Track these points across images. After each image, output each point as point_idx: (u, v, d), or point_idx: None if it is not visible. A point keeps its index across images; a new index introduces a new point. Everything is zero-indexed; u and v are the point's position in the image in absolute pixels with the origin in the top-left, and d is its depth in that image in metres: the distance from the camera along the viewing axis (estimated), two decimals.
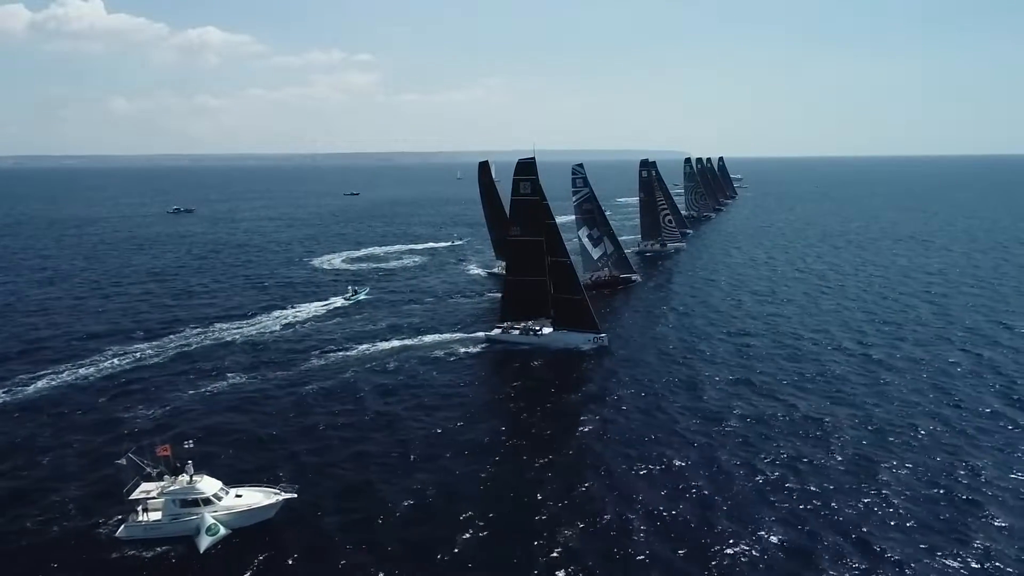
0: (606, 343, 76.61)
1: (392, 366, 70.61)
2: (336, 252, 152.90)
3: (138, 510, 41.00)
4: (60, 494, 45.36)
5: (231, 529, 40.35)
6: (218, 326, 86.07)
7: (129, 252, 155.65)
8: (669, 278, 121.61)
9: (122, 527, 40.44)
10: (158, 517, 40.81)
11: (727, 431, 54.47)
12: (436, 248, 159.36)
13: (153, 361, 72.69)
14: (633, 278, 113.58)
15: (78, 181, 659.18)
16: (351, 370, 69.35)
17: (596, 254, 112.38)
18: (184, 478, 41.84)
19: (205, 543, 38.77)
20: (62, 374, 68.37)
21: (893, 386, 63.81)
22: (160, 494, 41.38)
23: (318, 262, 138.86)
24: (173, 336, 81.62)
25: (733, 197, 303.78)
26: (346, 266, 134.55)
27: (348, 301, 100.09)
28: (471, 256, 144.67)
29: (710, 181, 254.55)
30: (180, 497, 40.98)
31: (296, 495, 42.47)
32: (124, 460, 42.34)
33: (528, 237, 79.12)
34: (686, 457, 50.07)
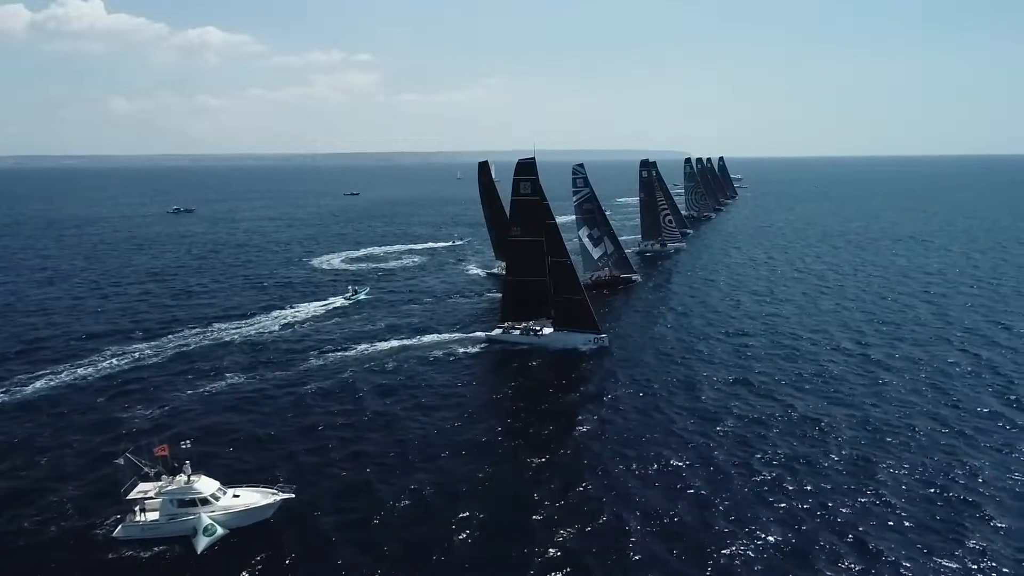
0: (606, 343, 76.60)
1: (391, 366, 70.61)
2: (336, 252, 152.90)
3: (136, 510, 41.03)
4: (58, 494, 45.39)
5: (228, 529, 40.35)
6: (217, 326, 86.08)
7: (128, 252, 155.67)
8: (669, 278, 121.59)
9: (119, 527, 40.47)
10: (155, 517, 40.83)
11: (725, 431, 54.46)
12: (436, 248, 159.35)
13: (152, 361, 72.69)
14: (633, 278, 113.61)
15: (78, 181, 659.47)
16: (350, 370, 69.34)
17: (596, 254, 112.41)
18: (182, 478, 41.84)
19: (202, 544, 38.77)
20: (61, 374, 68.40)
21: (891, 386, 63.82)
22: (158, 494, 41.40)
23: (317, 262, 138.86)
24: (172, 336, 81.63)
25: (733, 197, 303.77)
26: (345, 266, 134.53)
27: (348, 301, 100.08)
28: (471, 256, 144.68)
29: (710, 181, 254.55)
30: (178, 497, 40.98)
31: (294, 495, 42.49)
32: (122, 460, 42.38)
33: (528, 237, 79.08)
34: (684, 457, 50.08)
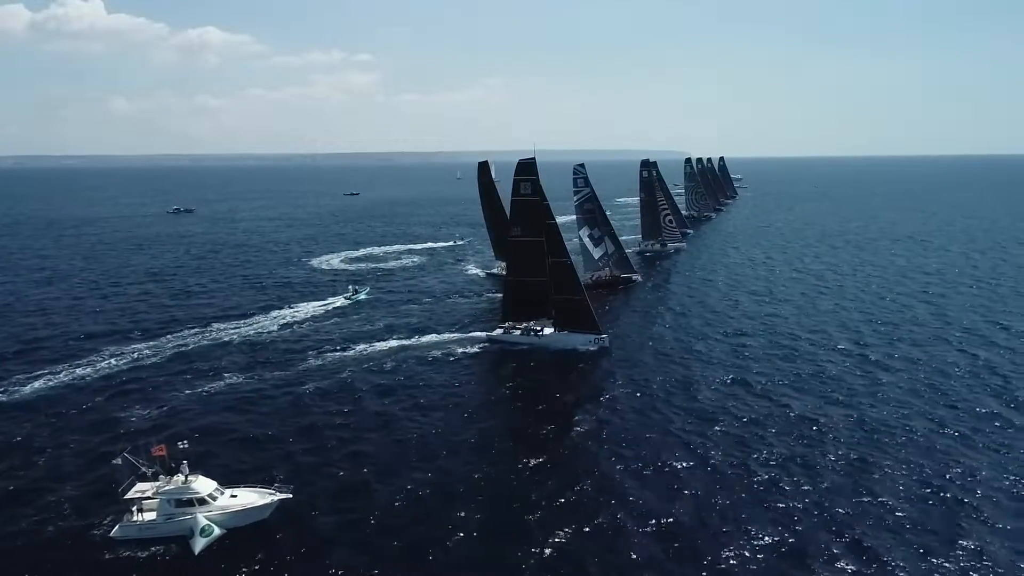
0: (607, 344, 76.49)
1: (389, 366, 70.55)
2: (335, 252, 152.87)
3: (133, 510, 41.05)
4: (56, 494, 45.41)
5: (225, 529, 40.33)
6: (216, 326, 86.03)
7: (128, 252, 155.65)
8: (669, 278, 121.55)
9: (117, 527, 40.45)
10: (153, 517, 40.83)
11: (723, 432, 54.41)
12: (435, 248, 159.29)
13: (150, 361, 72.65)
14: (634, 278, 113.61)
15: (78, 181, 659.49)
16: (348, 370, 69.29)
17: (597, 254, 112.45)
18: (179, 478, 41.81)
19: (199, 544, 38.73)
20: (59, 374, 68.36)
21: (889, 386, 63.76)
22: (155, 494, 41.38)
23: (317, 262, 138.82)
24: (170, 336, 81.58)
25: (734, 197, 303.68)
26: (345, 266, 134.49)
27: (348, 301, 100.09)
28: (470, 256, 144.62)
29: (710, 181, 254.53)
30: (175, 497, 40.96)
31: (291, 495, 42.45)
32: (120, 460, 42.36)
33: (529, 237, 79.03)
34: (682, 458, 50.02)
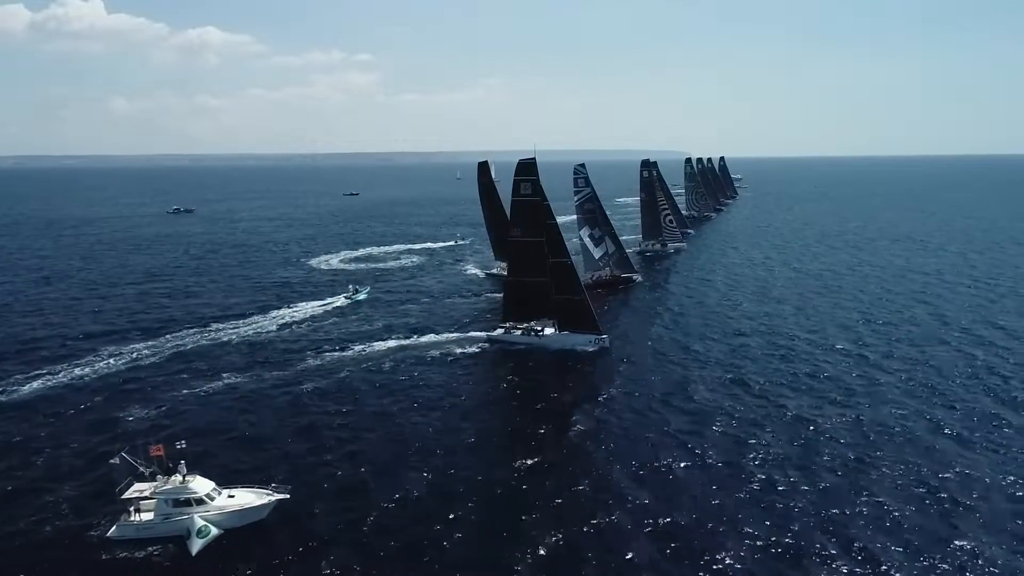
0: (607, 344, 76.30)
1: (388, 366, 70.43)
2: (334, 252, 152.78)
3: (130, 510, 40.95)
4: (54, 493, 45.32)
5: (223, 530, 40.20)
6: (215, 326, 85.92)
7: (127, 252, 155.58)
8: (669, 278, 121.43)
9: (114, 527, 40.37)
10: (150, 517, 40.74)
11: (721, 432, 54.28)
12: (435, 248, 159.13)
13: (149, 361, 72.54)
14: (634, 278, 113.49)
15: (78, 181, 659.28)
16: (347, 370, 69.17)
17: (597, 254, 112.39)
18: (177, 478, 41.72)
19: (196, 545, 38.61)
20: (58, 374, 68.25)
21: (887, 387, 63.59)
22: (153, 494, 41.28)
23: (316, 262, 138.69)
24: (169, 336, 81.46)
25: (734, 197, 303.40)
26: (344, 266, 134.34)
27: (349, 300, 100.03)
28: (469, 257, 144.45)
29: (710, 181, 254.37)
30: (172, 497, 40.87)
31: (288, 495, 42.34)
32: (117, 460, 42.30)
33: (529, 238, 78.90)
34: (680, 458, 49.91)
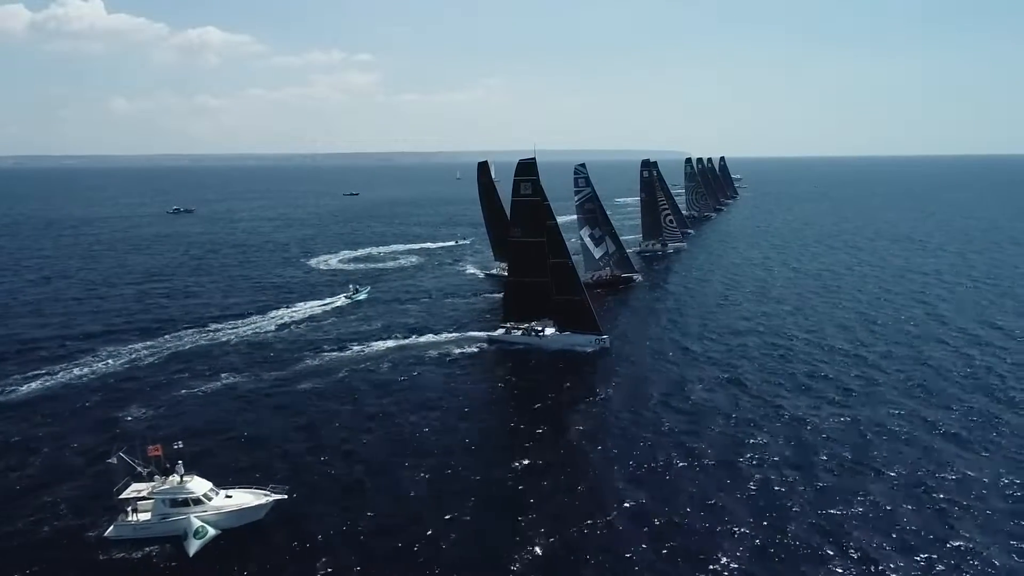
0: (608, 345, 76.05)
1: (387, 367, 70.22)
2: (334, 252, 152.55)
3: (128, 510, 40.77)
4: (51, 493, 45.13)
5: (220, 530, 39.99)
6: (213, 326, 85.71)
7: (127, 252, 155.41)
8: (670, 278, 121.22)
9: (111, 527, 40.21)
10: (148, 517, 40.57)
11: (720, 433, 54.05)
12: (434, 248, 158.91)
13: (148, 361, 72.34)
14: (634, 278, 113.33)
15: (78, 181, 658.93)
16: (346, 370, 68.96)
17: (598, 254, 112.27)
18: (174, 478, 41.53)
19: (194, 546, 38.40)
20: (57, 374, 68.01)
21: (885, 387, 63.29)
22: (150, 494, 41.12)
23: (316, 262, 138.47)
24: (168, 336, 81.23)
25: (734, 197, 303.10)
26: (344, 266, 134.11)
27: (349, 300, 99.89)
28: (469, 257, 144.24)
29: (710, 181, 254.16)
30: (170, 497, 40.70)
31: (286, 496, 42.14)
32: (115, 460, 42.14)
33: (529, 238, 78.70)
34: (678, 459, 49.69)
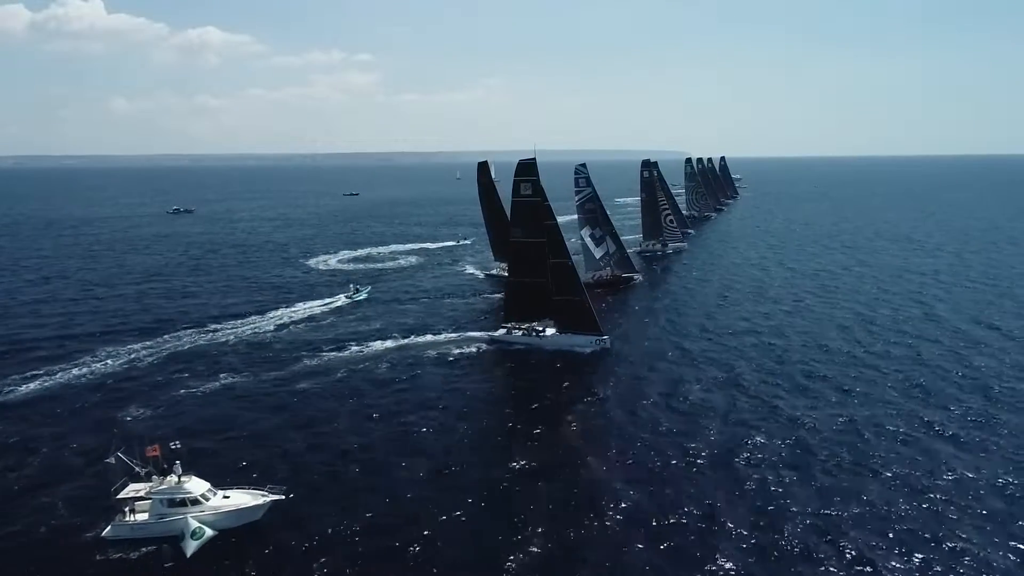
0: (608, 345, 75.77)
1: (387, 367, 69.99)
2: (334, 252, 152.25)
3: (125, 510, 40.63)
4: (49, 493, 44.96)
5: (218, 530, 39.78)
6: (213, 326, 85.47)
7: (126, 252, 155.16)
8: (670, 278, 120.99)
9: (109, 527, 40.05)
10: (145, 517, 40.42)
11: (718, 433, 53.80)
12: (434, 249, 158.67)
13: (147, 361, 72.12)
14: (635, 278, 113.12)
15: (78, 181, 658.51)
16: (345, 370, 68.72)
17: (598, 254, 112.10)
18: (172, 478, 41.36)
19: (191, 547, 38.19)
20: (56, 374, 67.74)
21: (883, 388, 63.01)
22: (148, 494, 40.95)
23: (315, 262, 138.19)
24: (167, 336, 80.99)
25: (735, 197, 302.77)
26: (343, 266, 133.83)
27: (350, 299, 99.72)
28: (469, 257, 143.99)
29: (711, 181, 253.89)
30: (167, 497, 40.54)
31: (284, 496, 41.93)
32: (113, 460, 42.03)
33: (529, 238, 78.48)
34: (676, 458, 49.49)
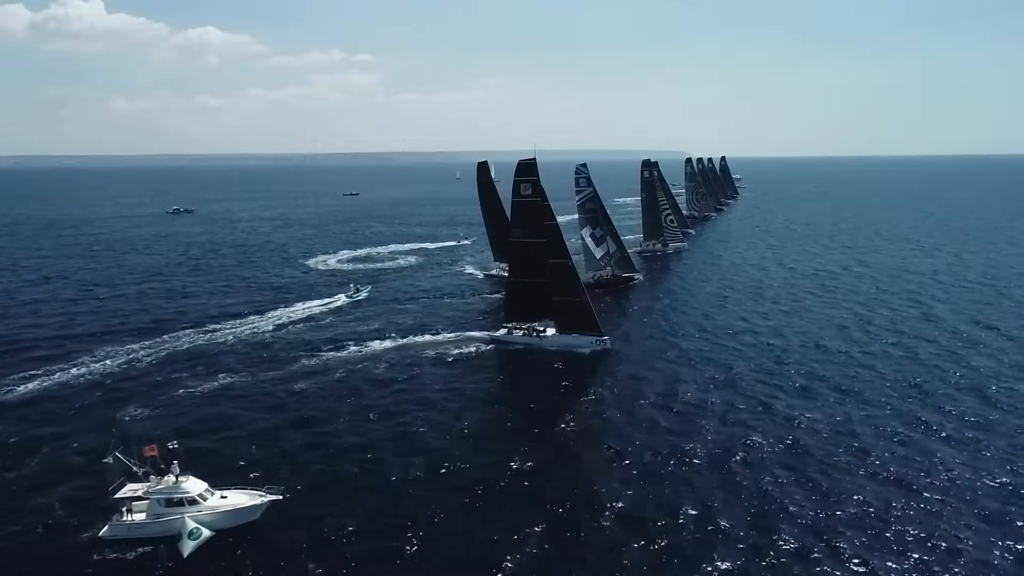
0: (609, 346, 75.52)
1: (385, 367, 69.79)
2: (334, 252, 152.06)
3: (123, 510, 40.48)
4: (47, 493, 44.81)
5: (215, 531, 39.60)
6: (212, 326, 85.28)
7: (126, 252, 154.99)
8: (670, 278, 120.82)
9: (106, 527, 39.92)
10: (142, 517, 40.29)
11: (716, 433, 53.61)
12: (434, 249, 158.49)
13: (145, 361, 71.94)
14: (635, 277, 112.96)
15: (78, 181, 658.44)
16: (344, 370, 68.52)
17: (599, 253, 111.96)
18: (170, 478, 41.23)
19: (188, 548, 38.00)
20: (54, 374, 67.56)
21: (882, 388, 62.82)
22: (145, 494, 40.82)
23: (315, 262, 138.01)
24: (166, 336, 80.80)
25: (735, 197, 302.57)
26: (343, 266, 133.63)
27: (350, 299, 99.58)
28: (469, 257, 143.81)
29: (711, 181, 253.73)
30: (165, 497, 40.42)
31: (281, 496, 41.78)
32: (110, 459, 41.84)
33: (529, 239, 78.27)
34: (674, 459, 49.32)
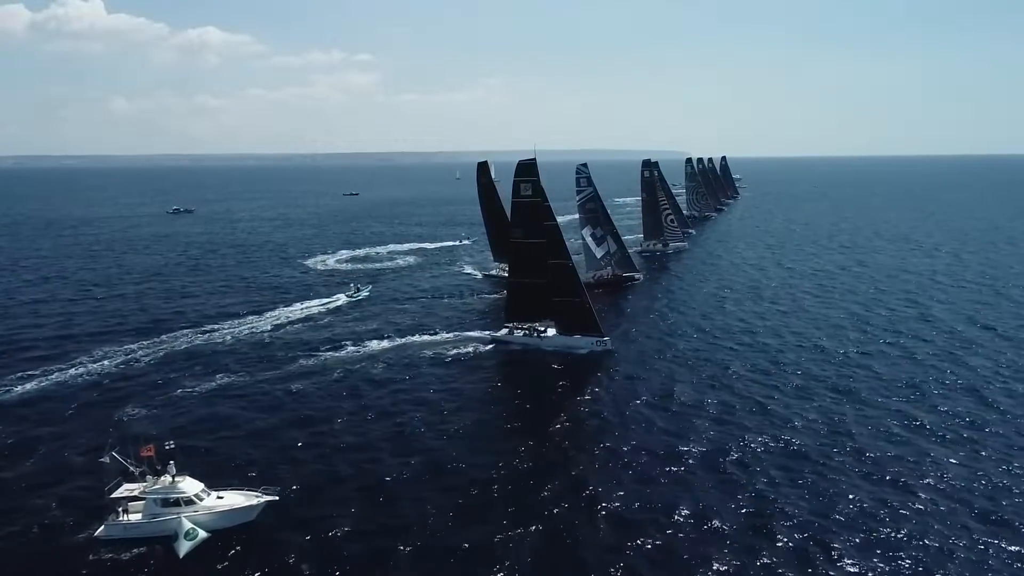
0: (609, 346, 75.29)
1: (383, 366, 69.63)
2: (333, 252, 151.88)
3: (119, 510, 40.35)
4: (43, 493, 44.70)
5: (211, 531, 39.40)
6: (210, 326, 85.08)
7: (125, 252, 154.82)
8: (670, 278, 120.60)
9: (102, 526, 39.79)
10: (139, 517, 40.14)
11: (715, 433, 53.46)
12: (434, 249, 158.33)
13: (143, 361, 71.79)
14: (636, 277, 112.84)
15: (78, 181, 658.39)
16: (342, 370, 68.36)
17: (599, 253, 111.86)
18: (166, 478, 41.05)
19: (184, 548, 37.81)
20: (52, 374, 67.41)
21: (880, 389, 62.73)
22: (142, 494, 40.65)
23: (314, 262, 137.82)
24: (165, 336, 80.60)
25: (735, 197, 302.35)
26: (342, 266, 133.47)
27: (350, 299, 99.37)
28: (468, 257, 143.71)
29: (711, 181, 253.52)
30: (161, 497, 40.25)
31: (278, 497, 41.62)
32: (107, 459, 41.73)
33: (529, 239, 78.05)
34: (670, 459, 49.24)
